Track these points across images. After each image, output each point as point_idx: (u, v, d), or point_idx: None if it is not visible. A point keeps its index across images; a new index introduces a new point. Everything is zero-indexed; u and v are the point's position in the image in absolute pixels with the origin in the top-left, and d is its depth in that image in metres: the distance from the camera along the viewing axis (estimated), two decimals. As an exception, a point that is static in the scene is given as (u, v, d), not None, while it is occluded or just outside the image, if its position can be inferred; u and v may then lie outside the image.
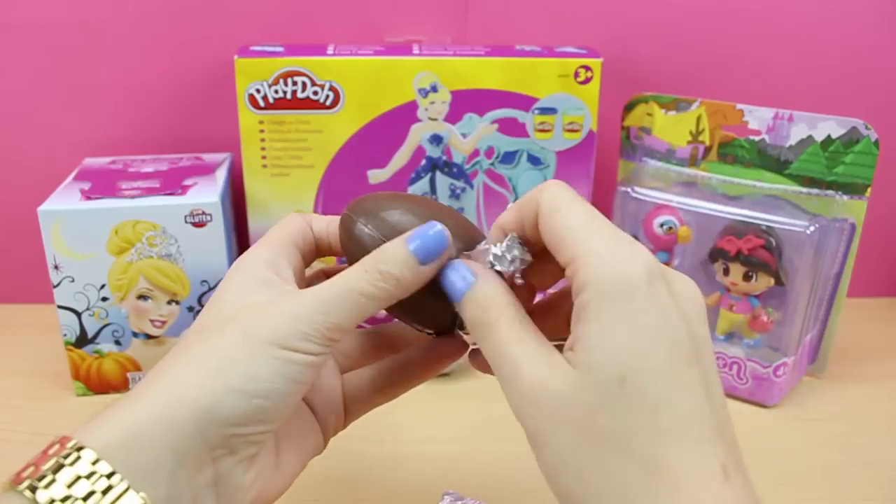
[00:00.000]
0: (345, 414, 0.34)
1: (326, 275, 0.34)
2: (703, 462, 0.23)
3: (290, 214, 0.33)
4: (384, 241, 0.28)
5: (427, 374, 0.34)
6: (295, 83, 0.50)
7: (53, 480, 0.24)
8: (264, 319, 0.27)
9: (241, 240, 0.58)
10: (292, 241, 0.31)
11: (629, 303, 0.23)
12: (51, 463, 0.24)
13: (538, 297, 0.32)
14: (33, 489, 0.23)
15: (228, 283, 0.30)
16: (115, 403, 0.26)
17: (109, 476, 0.24)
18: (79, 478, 0.24)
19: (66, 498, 0.23)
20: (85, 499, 0.23)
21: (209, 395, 0.26)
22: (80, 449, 0.24)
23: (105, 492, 0.24)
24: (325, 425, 0.33)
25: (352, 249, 0.30)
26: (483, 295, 0.27)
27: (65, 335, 0.49)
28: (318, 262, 0.34)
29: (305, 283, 0.33)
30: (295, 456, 0.31)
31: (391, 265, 0.27)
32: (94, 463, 0.24)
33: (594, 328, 0.24)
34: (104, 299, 0.48)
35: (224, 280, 0.30)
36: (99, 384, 0.51)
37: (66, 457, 0.24)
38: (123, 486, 0.24)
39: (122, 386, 0.51)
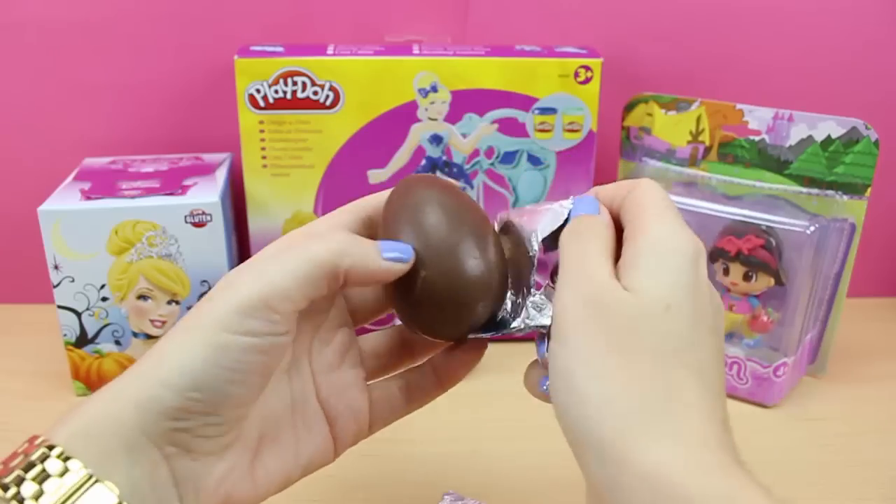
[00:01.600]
0: (370, 423, 0.33)
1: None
2: (712, 410, 0.25)
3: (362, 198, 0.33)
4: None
5: (452, 381, 0.34)
6: (295, 83, 0.50)
7: (23, 478, 0.24)
8: (209, 304, 0.27)
9: (241, 240, 0.58)
10: (364, 212, 0.32)
11: (679, 260, 0.26)
12: (18, 460, 0.25)
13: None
14: (5, 487, 0.24)
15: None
16: (79, 403, 0.27)
17: (78, 471, 0.24)
18: (47, 473, 0.24)
19: (37, 494, 0.24)
20: (55, 493, 0.24)
21: (145, 389, 0.25)
22: (49, 447, 0.25)
23: (75, 485, 0.24)
24: (343, 433, 0.32)
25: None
26: (600, 224, 0.29)
27: (65, 335, 0.49)
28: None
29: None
30: (279, 461, 0.29)
31: (353, 242, 0.28)
32: (62, 459, 0.24)
33: (651, 262, 0.26)
34: (104, 299, 0.48)
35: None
36: (99, 384, 0.50)
37: (34, 454, 0.24)
38: (93, 480, 0.24)
39: (122, 386, 0.51)
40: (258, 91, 0.50)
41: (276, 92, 0.50)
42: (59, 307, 0.48)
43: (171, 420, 0.25)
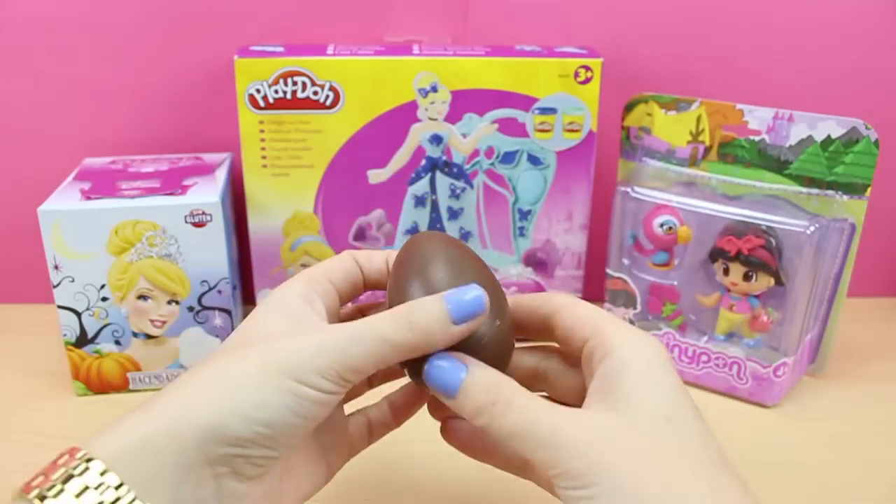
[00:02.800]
0: (348, 450, 0.34)
1: (362, 313, 0.35)
2: (743, 494, 0.26)
3: (342, 253, 0.33)
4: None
5: (407, 417, 0.36)
6: (295, 83, 0.50)
7: (62, 490, 0.24)
8: (283, 349, 0.27)
9: (241, 240, 0.58)
10: (328, 278, 0.32)
11: (659, 365, 0.28)
12: (60, 473, 0.24)
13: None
14: (42, 498, 0.24)
15: (259, 312, 0.30)
16: (125, 415, 0.27)
17: (118, 487, 0.24)
18: (87, 488, 0.24)
19: None
20: None
21: (215, 414, 0.26)
22: (89, 460, 0.24)
23: (113, 502, 0.24)
24: (335, 462, 0.33)
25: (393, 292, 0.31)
26: (487, 376, 0.28)
27: (65, 335, 0.49)
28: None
29: (339, 320, 0.33)
30: (296, 489, 0.31)
31: (424, 318, 0.27)
32: (102, 474, 0.24)
33: (634, 381, 0.27)
34: (104, 299, 0.48)
35: (256, 309, 0.31)
36: (99, 384, 0.51)
37: (75, 467, 0.24)
38: (131, 496, 0.24)
39: (121, 386, 0.51)
40: (258, 91, 0.50)
41: (276, 92, 0.50)
42: (59, 307, 0.48)
43: (233, 447, 0.26)
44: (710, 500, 0.25)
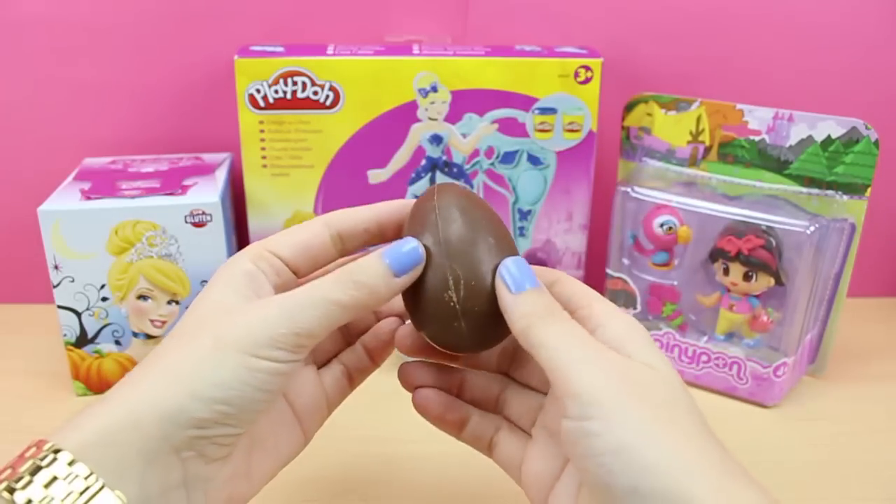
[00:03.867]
0: (328, 408, 0.35)
1: None
2: (746, 472, 0.26)
3: (314, 220, 0.33)
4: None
5: (385, 356, 0.36)
6: (295, 83, 0.50)
7: (31, 481, 0.24)
8: (235, 324, 0.28)
9: (241, 240, 0.58)
10: (275, 253, 0.31)
11: (654, 343, 0.29)
12: (28, 465, 0.25)
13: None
14: (11, 490, 0.24)
15: (208, 289, 0.30)
16: (87, 407, 0.27)
17: (86, 477, 0.24)
18: (55, 478, 0.24)
19: (45, 498, 0.24)
20: (63, 499, 0.24)
21: (173, 398, 0.26)
22: (56, 451, 0.25)
23: (82, 492, 0.24)
24: (310, 424, 0.33)
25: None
26: (552, 299, 0.29)
27: (65, 335, 0.49)
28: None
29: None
30: (266, 460, 0.31)
31: (366, 276, 0.28)
32: (70, 464, 0.24)
33: (645, 343, 0.28)
34: (104, 299, 0.48)
35: (208, 284, 0.30)
36: (99, 384, 0.51)
37: (42, 458, 0.25)
38: (99, 484, 0.24)
39: (122, 386, 0.51)
40: (258, 91, 0.50)
41: (276, 92, 0.50)
42: (59, 307, 0.48)
43: (195, 429, 0.26)
44: (713, 466, 0.25)
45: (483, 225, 0.30)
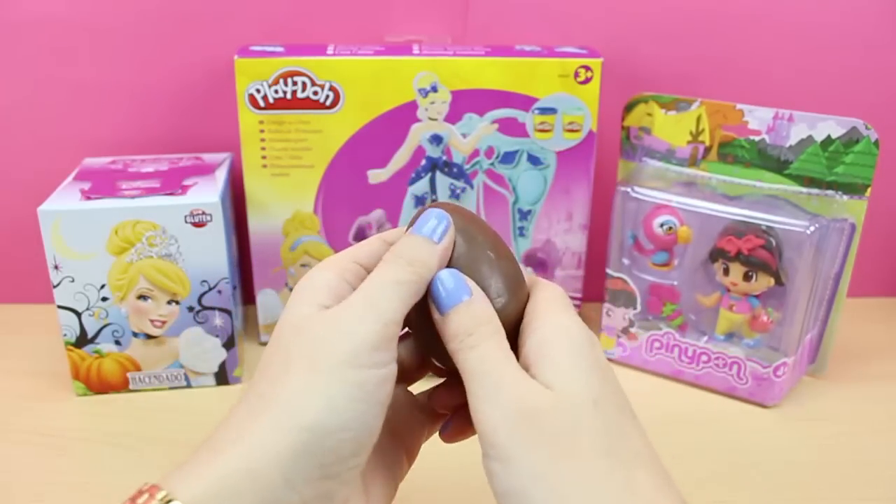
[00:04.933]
0: (429, 424, 0.33)
1: None
2: (667, 493, 0.25)
3: (371, 238, 0.31)
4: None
5: None
6: (295, 83, 0.50)
7: None
8: (325, 344, 0.26)
9: (241, 240, 0.58)
10: (355, 260, 0.29)
11: (588, 350, 0.27)
12: None
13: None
14: None
15: (288, 313, 0.28)
16: (197, 454, 0.25)
17: None
18: None
19: None
20: None
21: (285, 436, 0.24)
22: (169, 502, 0.23)
23: None
24: (413, 446, 0.32)
25: None
26: (482, 310, 0.28)
27: (65, 335, 0.49)
28: None
29: None
30: (381, 490, 0.29)
31: (412, 251, 0.28)
32: None
33: (566, 360, 0.27)
34: (104, 299, 0.48)
35: (285, 309, 0.28)
36: (99, 384, 0.51)
37: None
38: None
39: (121, 386, 0.51)
40: (258, 91, 0.50)
41: (276, 92, 0.50)
42: (59, 307, 0.48)
43: (318, 467, 0.25)
44: (623, 497, 0.24)
45: (483, 243, 0.30)
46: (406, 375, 0.33)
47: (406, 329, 0.31)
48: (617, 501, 0.24)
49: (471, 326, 0.27)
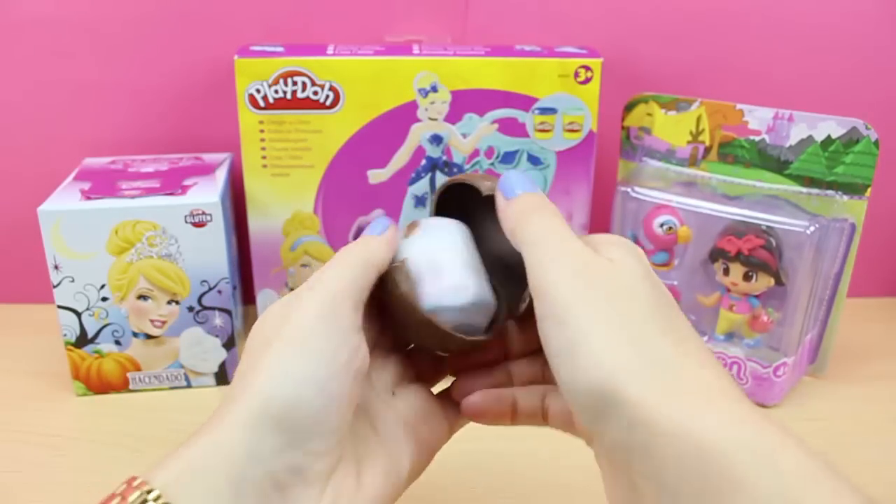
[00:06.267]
0: (449, 427, 0.33)
1: None
2: (715, 364, 0.25)
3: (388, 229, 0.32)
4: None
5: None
6: (295, 83, 0.50)
7: None
8: (280, 320, 0.27)
9: (241, 240, 0.58)
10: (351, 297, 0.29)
11: (629, 242, 0.29)
12: (115, 502, 0.24)
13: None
14: None
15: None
16: (177, 447, 0.26)
17: None
18: None
19: None
20: None
21: (247, 409, 0.25)
22: (145, 489, 0.24)
23: None
24: (428, 441, 0.32)
25: None
26: (548, 200, 0.30)
27: (65, 335, 0.49)
28: None
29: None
30: (381, 479, 0.29)
31: (355, 243, 0.30)
32: (156, 500, 0.23)
33: (622, 247, 0.28)
34: (104, 299, 0.48)
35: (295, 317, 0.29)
36: (99, 384, 0.51)
37: (132, 497, 0.24)
38: None
39: (121, 386, 0.51)
40: (258, 91, 0.50)
41: (276, 92, 0.50)
42: (59, 307, 0.48)
43: (280, 437, 0.25)
44: (658, 364, 0.24)
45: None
46: (426, 376, 0.34)
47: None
48: (671, 364, 0.24)
49: (539, 205, 0.29)
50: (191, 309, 0.50)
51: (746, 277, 0.49)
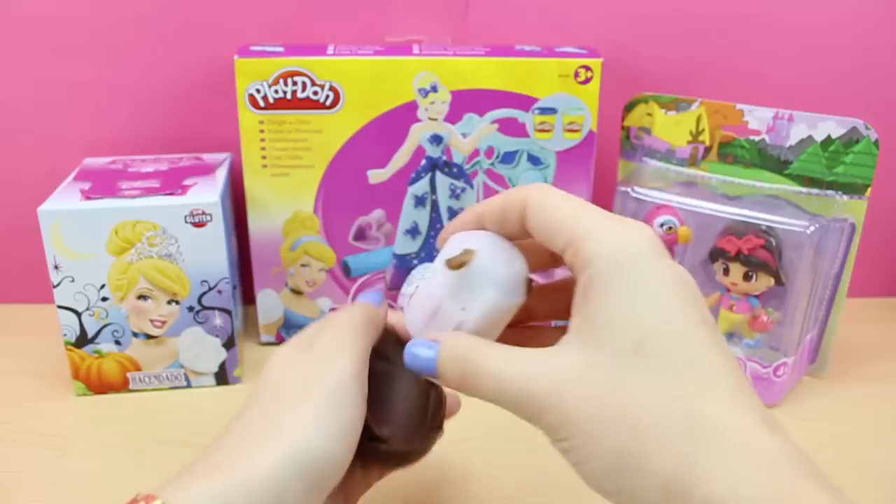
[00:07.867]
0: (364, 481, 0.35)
1: None
2: (744, 414, 0.22)
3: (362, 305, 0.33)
4: None
5: None
6: (295, 83, 0.50)
7: None
8: (313, 375, 0.29)
9: (241, 240, 0.58)
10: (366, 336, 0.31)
11: (637, 270, 0.24)
12: None
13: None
14: None
15: (275, 354, 0.31)
16: (194, 468, 0.27)
17: None
18: None
19: None
20: None
21: (285, 459, 0.26)
22: None
23: None
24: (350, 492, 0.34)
25: None
26: (454, 349, 0.27)
27: (65, 335, 0.49)
28: None
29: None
30: None
31: (357, 303, 0.33)
32: None
33: (603, 302, 0.24)
34: (104, 299, 0.48)
35: (272, 353, 0.31)
36: (99, 384, 0.51)
37: None
38: None
39: (122, 386, 0.51)
40: (258, 91, 0.50)
41: (276, 92, 0.50)
42: (59, 307, 0.48)
43: (307, 485, 0.27)
44: (671, 461, 0.22)
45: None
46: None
47: None
48: (685, 447, 0.22)
49: (459, 370, 0.26)
50: (191, 309, 0.50)
51: (746, 277, 0.49)
